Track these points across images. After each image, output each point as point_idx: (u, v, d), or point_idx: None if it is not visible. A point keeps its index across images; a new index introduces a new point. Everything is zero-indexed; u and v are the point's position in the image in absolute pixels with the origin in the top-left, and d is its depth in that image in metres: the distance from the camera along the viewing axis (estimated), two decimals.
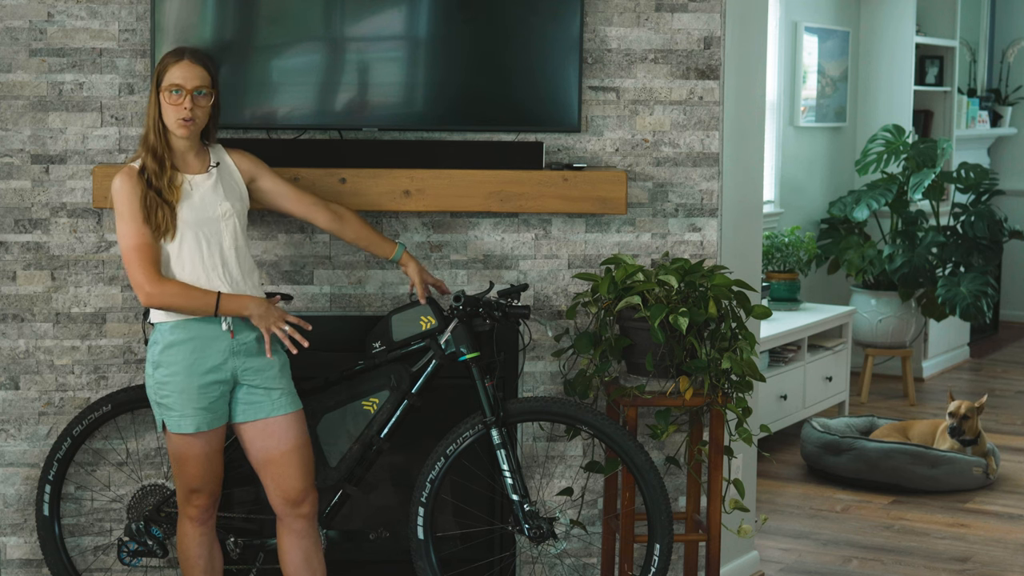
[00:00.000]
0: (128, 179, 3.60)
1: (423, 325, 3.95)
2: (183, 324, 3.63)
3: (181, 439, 3.67)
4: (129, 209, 3.58)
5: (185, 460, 3.69)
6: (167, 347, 3.63)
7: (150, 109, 3.63)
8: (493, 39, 4.15)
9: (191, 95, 3.59)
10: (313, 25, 4.14)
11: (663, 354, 3.99)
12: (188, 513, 3.76)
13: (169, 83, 3.59)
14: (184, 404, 3.63)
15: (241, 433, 3.74)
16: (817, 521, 5.65)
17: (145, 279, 3.56)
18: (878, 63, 8.42)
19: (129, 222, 3.58)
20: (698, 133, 4.28)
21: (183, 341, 3.62)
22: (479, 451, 4.02)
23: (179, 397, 3.63)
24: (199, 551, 3.77)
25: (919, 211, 7.92)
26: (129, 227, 3.58)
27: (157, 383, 3.65)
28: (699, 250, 4.32)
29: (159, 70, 3.62)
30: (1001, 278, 9.69)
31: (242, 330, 3.67)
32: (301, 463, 3.75)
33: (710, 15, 4.24)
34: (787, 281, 7.16)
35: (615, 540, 4.26)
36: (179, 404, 3.64)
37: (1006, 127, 9.87)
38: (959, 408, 6.25)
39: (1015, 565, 5.14)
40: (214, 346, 3.64)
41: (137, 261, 3.57)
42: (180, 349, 3.62)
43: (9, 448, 4.23)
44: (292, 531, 3.78)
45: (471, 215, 4.25)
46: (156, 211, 3.59)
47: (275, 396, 3.72)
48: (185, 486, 3.73)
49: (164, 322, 3.65)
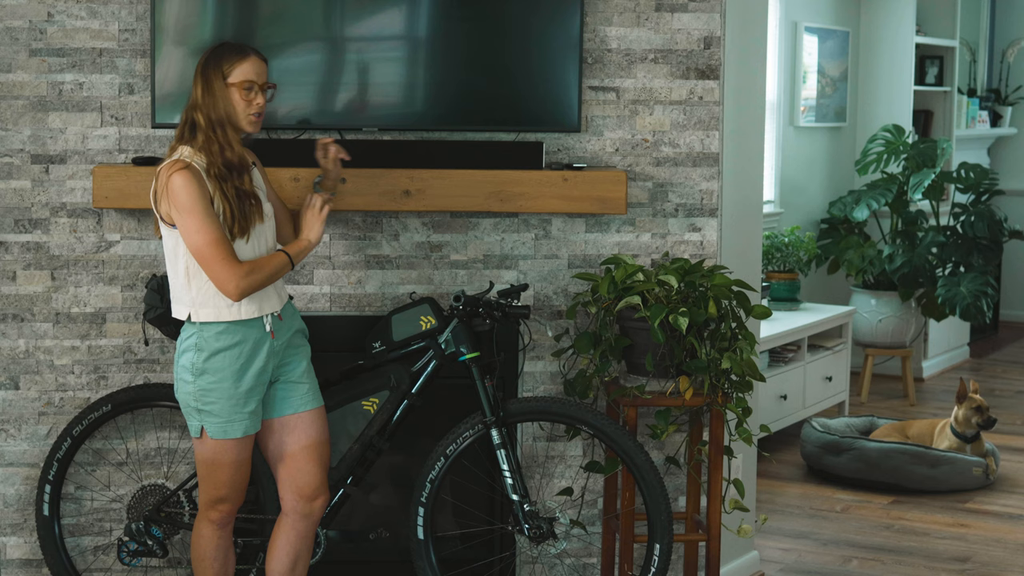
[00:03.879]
0: (193, 176, 3.47)
1: (423, 325, 3.95)
2: (231, 329, 3.56)
3: (221, 445, 3.60)
4: (201, 205, 3.46)
5: (219, 466, 3.63)
6: (213, 354, 3.55)
7: (215, 104, 3.54)
8: (493, 39, 4.15)
9: (262, 91, 3.59)
10: (313, 25, 4.14)
11: (663, 354, 3.99)
12: (210, 516, 3.71)
13: (243, 79, 3.54)
14: (232, 410, 3.58)
15: (264, 427, 3.73)
16: (817, 521, 5.65)
17: (233, 272, 3.47)
18: (878, 63, 8.42)
19: (202, 217, 3.46)
20: (698, 133, 4.28)
21: (230, 346, 3.56)
22: (479, 451, 4.02)
23: (227, 403, 3.57)
24: (215, 553, 3.74)
25: (919, 211, 7.92)
26: (202, 222, 3.46)
27: (200, 390, 3.57)
28: (699, 250, 4.32)
29: (222, 65, 3.54)
30: (1001, 278, 9.70)
31: (280, 330, 3.66)
32: (320, 459, 3.75)
33: (710, 15, 4.24)
34: (787, 281, 7.16)
35: (615, 540, 4.26)
36: (226, 410, 3.58)
37: (1006, 127, 9.87)
38: (983, 401, 6.28)
39: (1015, 565, 5.14)
40: (259, 349, 3.60)
41: (219, 256, 3.47)
42: (227, 355, 3.56)
43: (9, 448, 4.23)
44: (293, 530, 3.77)
45: (471, 215, 4.25)
46: (245, 205, 3.53)
47: (303, 391, 3.72)
48: (214, 492, 3.67)
49: (210, 324, 3.55)
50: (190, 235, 3.47)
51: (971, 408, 6.25)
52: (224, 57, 3.56)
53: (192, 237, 3.47)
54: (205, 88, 3.55)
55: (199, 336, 3.56)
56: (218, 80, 3.54)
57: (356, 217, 4.22)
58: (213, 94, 3.54)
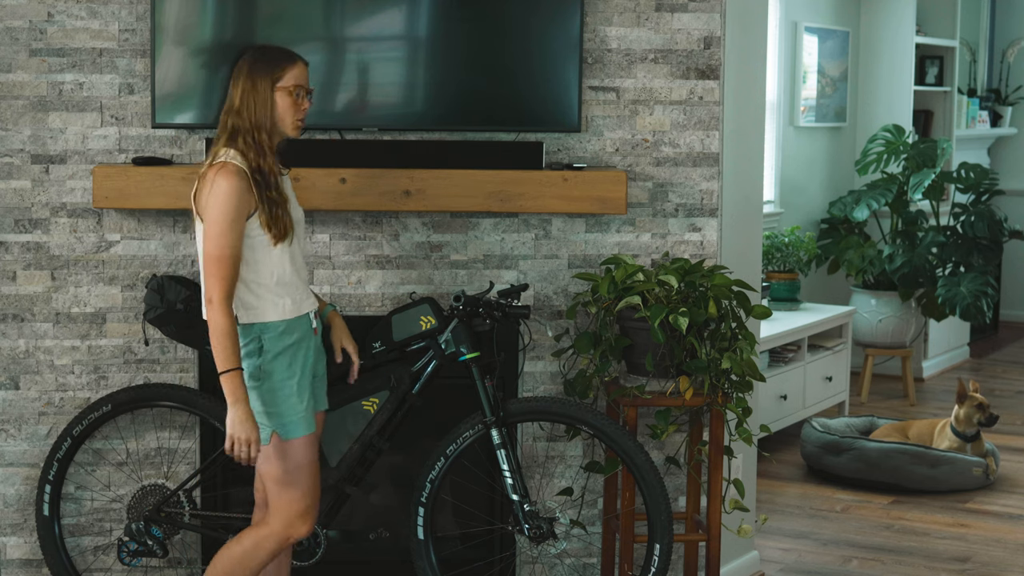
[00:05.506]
0: (241, 180, 3.42)
1: (423, 325, 3.95)
2: (293, 324, 3.53)
3: (301, 444, 3.56)
4: (234, 215, 3.40)
5: (302, 468, 3.58)
6: (278, 354, 3.52)
7: (258, 106, 3.47)
8: (493, 39, 4.15)
9: (308, 95, 3.56)
10: (313, 25, 4.14)
11: (663, 354, 3.99)
12: (300, 532, 3.62)
13: (294, 83, 3.49)
14: (296, 407, 3.55)
15: None
16: (817, 521, 5.65)
17: (225, 296, 3.41)
18: (878, 63, 8.42)
19: (232, 228, 3.40)
20: (698, 133, 4.28)
21: (294, 344, 3.54)
22: (479, 451, 4.02)
23: (294, 401, 3.54)
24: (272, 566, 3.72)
25: (919, 211, 7.92)
26: (230, 235, 3.40)
27: (269, 391, 3.51)
28: (699, 250, 4.32)
29: (273, 70, 3.48)
30: (1001, 278, 9.69)
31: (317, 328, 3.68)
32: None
33: (710, 15, 4.24)
34: (787, 281, 7.16)
35: (615, 540, 4.26)
36: (293, 409, 3.54)
37: (1006, 127, 9.87)
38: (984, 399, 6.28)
39: (1015, 565, 5.14)
40: (310, 344, 3.60)
41: (224, 274, 3.41)
42: (289, 352, 3.53)
43: (9, 448, 4.23)
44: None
45: (471, 215, 4.25)
46: (278, 212, 3.48)
47: (323, 390, 3.76)
48: (302, 501, 3.59)
49: (272, 323, 3.51)
50: (211, 239, 3.41)
51: (972, 406, 6.25)
52: (274, 61, 3.50)
53: (211, 240, 3.41)
54: (250, 91, 3.48)
55: (263, 335, 3.51)
56: (265, 84, 3.48)
57: (356, 217, 4.22)
58: (258, 98, 3.48)
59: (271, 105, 3.49)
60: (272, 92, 3.49)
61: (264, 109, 3.49)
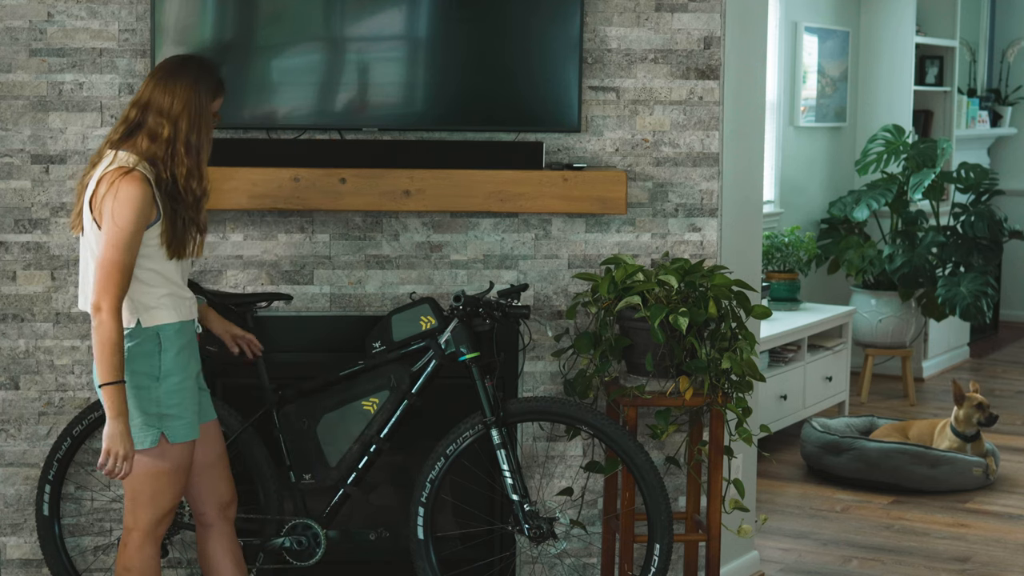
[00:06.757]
0: (147, 189, 3.36)
1: (423, 325, 3.95)
2: (184, 326, 3.50)
3: (184, 449, 3.52)
4: (136, 226, 3.33)
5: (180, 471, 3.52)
6: (178, 352, 3.47)
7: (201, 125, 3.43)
8: (493, 39, 4.15)
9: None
10: (313, 25, 4.14)
11: (663, 354, 3.99)
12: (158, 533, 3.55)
13: (217, 110, 3.52)
14: (191, 408, 3.51)
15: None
16: (817, 521, 5.65)
17: (116, 305, 3.32)
18: (878, 63, 8.42)
19: (134, 239, 3.34)
20: (698, 133, 4.28)
21: (187, 344, 3.50)
22: (479, 451, 4.02)
23: (190, 402, 3.51)
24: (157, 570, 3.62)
25: (919, 211, 7.92)
26: (133, 241, 3.34)
27: (166, 393, 3.47)
28: (699, 250, 4.32)
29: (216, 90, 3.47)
30: (1001, 278, 9.69)
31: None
32: (228, 465, 3.76)
33: (710, 15, 4.24)
34: (787, 281, 7.16)
35: (615, 540, 4.26)
36: (188, 410, 3.50)
37: (1006, 127, 9.87)
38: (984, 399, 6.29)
39: (1015, 565, 5.14)
40: (195, 350, 3.56)
41: (118, 283, 3.33)
42: (185, 352, 3.49)
43: (9, 448, 4.23)
44: (223, 535, 3.75)
45: (471, 215, 4.25)
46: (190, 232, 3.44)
47: (208, 398, 3.68)
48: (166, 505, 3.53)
49: (168, 324, 3.46)
50: (110, 246, 3.33)
51: (972, 406, 6.25)
52: (217, 83, 3.50)
53: (110, 251, 3.32)
54: (195, 103, 3.43)
55: (162, 335, 3.45)
56: (208, 101, 3.47)
57: (356, 217, 4.22)
58: (204, 113, 3.45)
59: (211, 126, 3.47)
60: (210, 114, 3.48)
61: (208, 127, 3.46)
